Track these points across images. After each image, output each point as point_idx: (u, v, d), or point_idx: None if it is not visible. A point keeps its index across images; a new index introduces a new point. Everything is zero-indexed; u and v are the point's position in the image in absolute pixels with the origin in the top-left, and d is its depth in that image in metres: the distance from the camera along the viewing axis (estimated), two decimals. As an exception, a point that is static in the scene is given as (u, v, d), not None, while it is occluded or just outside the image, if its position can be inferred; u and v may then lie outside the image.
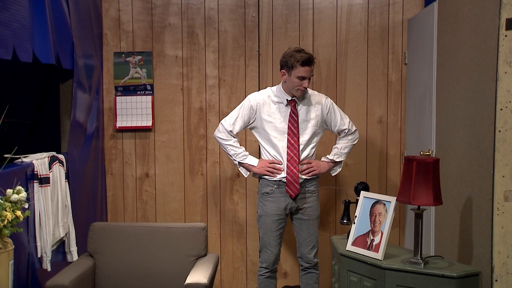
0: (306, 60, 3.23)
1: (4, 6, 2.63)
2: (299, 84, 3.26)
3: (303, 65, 3.23)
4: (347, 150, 3.53)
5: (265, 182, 3.44)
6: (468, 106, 2.77)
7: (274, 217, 3.42)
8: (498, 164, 2.42)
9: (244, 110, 3.42)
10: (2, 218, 2.18)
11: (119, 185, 4.19)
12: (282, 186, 3.38)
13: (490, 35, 2.49)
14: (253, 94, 3.48)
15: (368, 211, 2.85)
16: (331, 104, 3.46)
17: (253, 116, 3.42)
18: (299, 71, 3.23)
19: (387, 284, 2.60)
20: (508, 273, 2.43)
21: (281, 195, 3.40)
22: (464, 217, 2.80)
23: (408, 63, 3.98)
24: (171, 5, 4.09)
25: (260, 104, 3.39)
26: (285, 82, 3.32)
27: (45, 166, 3.03)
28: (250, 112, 3.41)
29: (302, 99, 3.39)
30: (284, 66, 3.30)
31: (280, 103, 3.37)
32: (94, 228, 3.45)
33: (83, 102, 3.66)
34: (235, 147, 3.45)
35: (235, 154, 3.45)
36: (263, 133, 3.41)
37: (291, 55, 3.26)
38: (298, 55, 3.24)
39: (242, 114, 3.43)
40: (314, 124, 3.41)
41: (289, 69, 3.26)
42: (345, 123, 3.49)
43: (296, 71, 3.23)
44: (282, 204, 3.40)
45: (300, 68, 3.22)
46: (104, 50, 4.11)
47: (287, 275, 4.19)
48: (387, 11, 4.04)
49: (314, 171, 3.41)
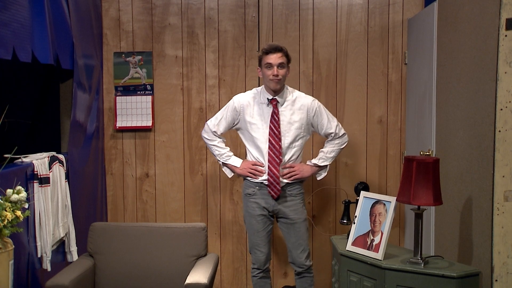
0: (270, 47, 3.25)
1: (4, 6, 2.63)
2: (270, 74, 3.23)
3: (267, 52, 3.24)
4: (333, 154, 3.44)
5: (248, 183, 3.42)
6: (468, 106, 2.77)
7: (258, 217, 3.39)
8: (498, 164, 2.42)
9: (228, 112, 3.42)
10: (2, 218, 2.18)
11: (119, 185, 4.19)
12: (264, 188, 3.35)
13: (490, 35, 2.49)
14: (238, 96, 3.47)
15: (368, 211, 2.85)
16: (318, 106, 3.39)
17: (237, 117, 3.40)
18: (265, 59, 3.24)
19: (387, 284, 2.60)
20: (508, 273, 2.43)
21: (263, 196, 3.36)
22: (464, 217, 2.80)
23: (408, 63, 3.98)
24: (171, 5, 4.09)
25: (244, 105, 3.37)
26: (263, 79, 3.35)
27: (45, 166, 3.03)
28: (234, 113, 3.40)
29: (287, 100, 3.35)
30: (258, 64, 3.35)
31: (263, 104, 3.34)
32: (94, 228, 3.45)
33: (83, 102, 3.66)
34: (219, 148, 3.46)
35: (219, 155, 3.46)
36: (247, 134, 3.39)
37: (261, 51, 3.34)
38: (264, 47, 3.31)
39: (226, 116, 3.43)
40: (298, 126, 3.35)
41: (260, 63, 3.30)
42: (332, 127, 3.40)
43: (263, 61, 3.26)
44: (265, 205, 3.37)
45: (265, 56, 3.24)
46: (104, 50, 4.11)
47: (287, 275, 4.19)
48: (387, 11, 4.04)
49: (296, 175, 3.36)
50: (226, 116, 3.42)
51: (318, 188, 4.05)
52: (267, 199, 3.36)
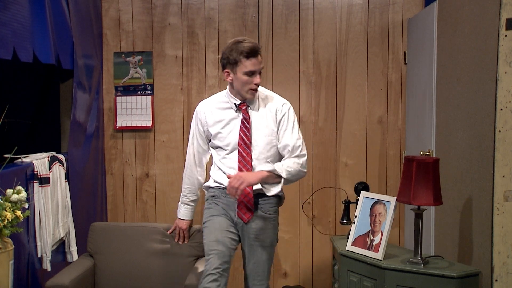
0: (252, 50, 2.62)
1: (4, 6, 2.63)
2: (249, 82, 2.66)
3: (249, 56, 2.62)
4: (291, 170, 2.70)
5: (211, 190, 2.90)
6: (468, 106, 2.77)
7: (223, 216, 2.79)
8: (498, 164, 2.43)
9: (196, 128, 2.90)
10: (2, 218, 2.18)
11: (119, 185, 4.19)
12: (229, 197, 2.75)
13: (490, 35, 2.49)
14: (199, 105, 2.93)
15: (368, 211, 2.85)
16: (287, 111, 2.79)
17: (203, 131, 2.87)
18: (245, 65, 2.62)
19: (387, 284, 2.60)
20: (508, 273, 2.43)
21: (228, 203, 2.81)
22: (464, 217, 2.80)
23: (408, 63, 3.98)
24: (171, 5, 4.09)
25: (206, 113, 2.83)
26: (231, 83, 2.72)
27: (45, 166, 3.03)
28: (201, 126, 2.87)
29: (255, 102, 2.78)
30: (226, 64, 2.68)
31: (228, 109, 2.78)
32: (94, 228, 3.45)
33: (83, 102, 3.66)
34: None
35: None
36: (213, 148, 2.87)
37: (231, 49, 2.64)
38: (240, 47, 2.62)
39: (198, 134, 2.91)
40: (268, 133, 2.76)
41: (233, 66, 2.65)
42: (291, 138, 2.76)
43: (241, 67, 2.63)
44: (231, 212, 2.81)
45: (245, 61, 2.62)
46: (104, 50, 4.11)
47: (287, 275, 4.19)
48: (387, 11, 4.04)
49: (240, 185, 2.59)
50: (198, 136, 2.90)
51: (318, 188, 4.05)
52: (232, 211, 2.81)
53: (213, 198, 2.87)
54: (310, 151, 4.11)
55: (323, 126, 4.11)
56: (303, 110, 4.10)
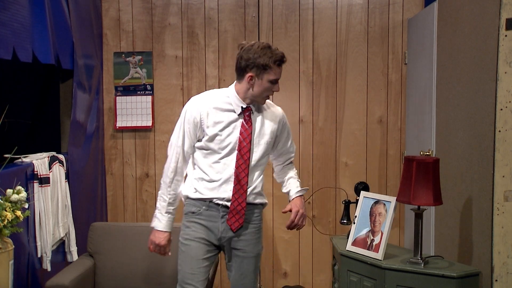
0: (283, 59, 2.58)
1: (4, 6, 2.63)
2: (270, 89, 2.59)
3: (280, 64, 2.57)
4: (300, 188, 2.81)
5: (191, 201, 2.69)
6: (468, 106, 2.77)
7: (201, 241, 2.63)
8: (498, 164, 2.43)
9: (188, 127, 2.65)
10: (2, 218, 2.18)
11: (119, 185, 4.19)
12: (212, 209, 2.63)
13: (490, 35, 2.49)
14: (193, 102, 2.69)
15: (368, 211, 2.85)
16: (286, 119, 2.79)
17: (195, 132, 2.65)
18: (274, 72, 2.55)
19: (387, 284, 2.60)
20: (508, 273, 2.43)
21: (210, 218, 2.64)
22: (464, 217, 2.79)
23: (408, 63, 3.98)
24: (171, 5, 4.09)
25: (204, 112, 2.62)
26: (251, 88, 2.57)
27: (45, 166, 3.03)
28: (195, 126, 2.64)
29: (259, 108, 2.69)
30: (252, 67, 2.53)
31: (228, 111, 2.62)
32: (94, 228, 3.45)
33: (83, 102, 3.66)
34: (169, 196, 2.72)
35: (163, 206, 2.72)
36: (203, 150, 2.65)
37: (263, 53, 2.52)
38: (272, 53, 2.53)
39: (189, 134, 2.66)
40: (268, 141, 2.68)
41: (261, 71, 2.53)
42: (293, 150, 2.85)
43: (270, 73, 2.54)
44: (213, 229, 2.64)
45: (276, 69, 2.55)
46: (104, 50, 4.11)
47: (287, 275, 4.19)
48: (387, 11, 4.04)
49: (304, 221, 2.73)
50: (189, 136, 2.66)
51: (318, 188, 4.05)
52: (215, 223, 2.64)
53: (193, 215, 2.66)
54: (310, 151, 4.11)
55: (323, 126, 4.11)
56: (303, 110, 4.10)
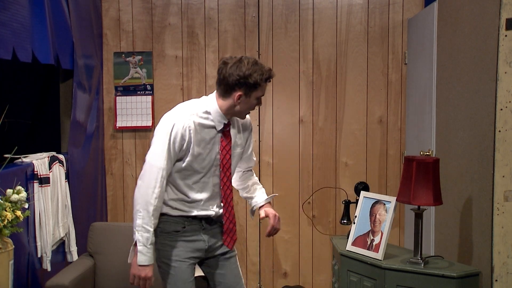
0: (271, 75, 2.44)
1: (4, 6, 2.63)
2: (255, 105, 2.46)
3: (267, 80, 2.43)
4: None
5: (170, 218, 2.49)
6: (468, 106, 2.77)
7: (190, 260, 2.51)
8: (498, 164, 2.42)
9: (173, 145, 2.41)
10: (2, 218, 2.18)
11: (119, 185, 4.19)
12: (194, 222, 2.51)
13: (490, 35, 2.49)
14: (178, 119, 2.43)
15: (368, 211, 2.85)
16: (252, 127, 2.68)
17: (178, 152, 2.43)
18: (262, 90, 2.42)
19: (387, 284, 2.60)
20: (508, 273, 2.43)
21: (194, 232, 2.51)
22: (464, 217, 2.79)
23: (408, 63, 3.98)
24: (171, 5, 4.09)
25: (192, 130, 2.41)
26: (238, 105, 2.42)
27: (45, 166, 3.03)
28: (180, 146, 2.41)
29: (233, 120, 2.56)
30: (242, 85, 2.37)
31: (210, 128, 2.45)
32: (94, 228, 3.45)
33: (83, 102, 3.66)
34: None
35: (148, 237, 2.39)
36: (184, 171, 2.46)
37: (252, 70, 2.37)
38: (261, 70, 2.39)
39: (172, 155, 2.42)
40: (239, 151, 2.58)
41: (250, 89, 2.38)
42: (253, 157, 2.75)
43: (258, 91, 2.41)
44: (199, 242, 2.52)
45: (264, 86, 2.42)
46: (104, 50, 4.11)
47: (287, 275, 4.19)
48: (387, 11, 4.04)
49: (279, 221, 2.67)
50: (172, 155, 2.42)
51: (318, 188, 4.05)
52: (199, 235, 2.52)
53: (178, 234, 2.49)
54: (310, 151, 4.11)
55: (323, 126, 4.11)
56: (303, 110, 4.10)
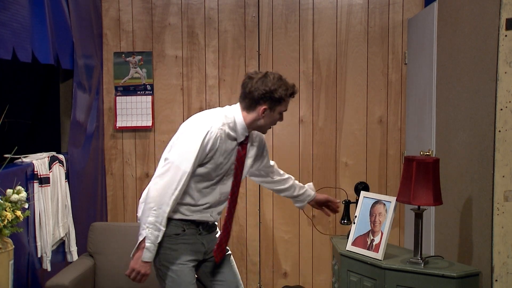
0: (295, 91, 2.53)
1: (4, 6, 2.63)
2: (277, 120, 2.54)
3: (291, 96, 2.51)
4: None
5: (172, 222, 2.48)
6: (468, 106, 2.77)
7: (191, 263, 2.53)
8: (498, 164, 2.42)
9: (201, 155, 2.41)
10: (2, 218, 2.18)
11: (119, 185, 4.19)
12: (192, 226, 2.52)
13: (490, 35, 2.49)
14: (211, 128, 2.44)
15: (368, 211, 2.85)
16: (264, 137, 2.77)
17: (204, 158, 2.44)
18: (285, 104, 2.51)
19: (387, 284, 2.60)
20: (508, 273, 2.43)
21: (192, 236, 2.54)
22: (464, 217, 2.79)
23: (408, 63, 3.98)
24: (171, 5, 4.09)
25: (221, 139, 2.46)
26: (261, 119, 2.49)
27: (45, 166, 3.03)
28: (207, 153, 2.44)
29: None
30: (267, 99, 2.44)
31: (233, 140, 2.51)
32: (94, 228, 3.45)
33: (83, 102, 3.66)
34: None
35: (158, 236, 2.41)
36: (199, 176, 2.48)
37: (279, 86, 2.44)
38: (286, 85, 2.48)
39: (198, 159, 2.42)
40: (250, 164, 2.66)
41: (275, 103, 2.46)
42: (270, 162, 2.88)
43: (283, 106, 2.49)
44: (198, 245, 2.56)
45: (287, 101, 2.50)
46: (104, 50, 4.11)
47: (287, 275, 4.19)
48: (387, 11, 4.04)
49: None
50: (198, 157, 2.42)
51: (319, 188, 4.04)
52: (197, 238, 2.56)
53: (178, 237, 2.50)
54: (310, 151, 4.11)
55: (323, 126, 4.11)
56: (303, 110, 4.10)
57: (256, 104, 2.46)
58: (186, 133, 2.49)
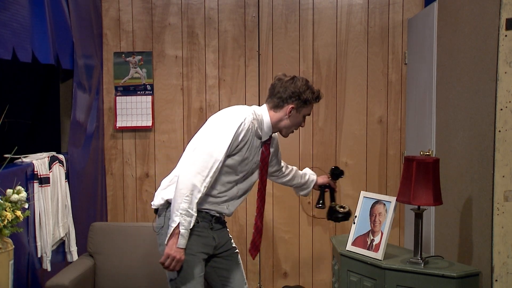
0: (320, 95, 2.67)
1: (4, 6, 2.63)
2: (300, 123, 2.67)
3: (317, 99, 2.66)
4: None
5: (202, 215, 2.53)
6: (468, 106, 2.77)
7: (200, 255, 2.54)
8: (498, 164, 2.42)
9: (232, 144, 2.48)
10: (2, 218, 2.18)
11: (119, 185, 4.19)
12: (205, 220, 2.55)
13: (490, 35, 2.49)
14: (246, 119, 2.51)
15: (368, 211, 2.85)
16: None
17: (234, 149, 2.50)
18: (310, 108, 2.65)
19: (387, 284, 2.60)
20: (508, 273, 2.43)
21: (203, 230, 2.55)
22: (464, 217, 2.80)
23: (408, 63, 3.98)
24: (171, 5, 4.09)
25: (251, 135, 2.54)
26: (287, 119, 2.61)
27: (45, 166, 3.03)
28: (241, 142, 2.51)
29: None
30: (296, 99, 2.57)
31: (258, 138, 2.60)
32: (94, 228, 3.45)
33: (83, 102, 3.66)
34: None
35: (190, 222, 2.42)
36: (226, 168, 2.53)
37: (306, 88, 2.59)
38: (313, 90, 2.62)
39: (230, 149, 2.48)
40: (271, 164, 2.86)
41: (302, 104, 2.59)
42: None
43: (308, 109, 2.63)
44: (210, 240, 2.58)
45: (312, 104, 2.65)
46: (104, 50, 4.11)
47: (287, 275, 4.19)
48: (387, 11, 4.04)
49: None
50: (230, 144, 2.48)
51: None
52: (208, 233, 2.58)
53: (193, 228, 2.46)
54: (310, 151, 4.11)
55: (323, 126, 4.11)
56: (303, 110, 4.10)
57: (284, 103, 2.59)
58: (220, 122, 2.53)
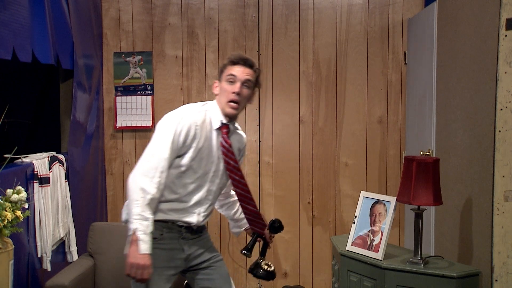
0: (239, 58, 2.44)
1: (4, 6, 2.63)
2: (230, 90, 2.40)
3: (234, 63, 2.43)
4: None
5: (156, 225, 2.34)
6: (468, 106, 2.77)
7: (165, 271, 2.40)
8: (498, 164, 2.42)
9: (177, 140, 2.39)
10: (2, 218, 2.18)
11: (119, 185, 4.19)
12: (173, 231, 2.42)
13: (490, 35, 2.49)
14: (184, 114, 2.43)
15: (368, 211, 2.85)
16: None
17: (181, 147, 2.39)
18: (228, 70, 2.43)
19: (387, 284, 2.60)
20: (508, 273, 2.43)
21: (172, 241, 2.42)
22: (464, 217, 2.80)
23: (408, 63, 3.98)
24: (171, 5, 4.09)
25: (198, 129, 2.41)
26: (220, 96, 2.46)
27: (45, 166, 3.03)
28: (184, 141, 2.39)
29: (233, 130, 2.53)
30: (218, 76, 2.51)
31: (209, 131, 2.44)
32: (94, 228, 3.45)
33: (83, 102, 3.66)
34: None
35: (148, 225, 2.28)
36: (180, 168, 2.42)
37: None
38: (230, 56, 2.48)
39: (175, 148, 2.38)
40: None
41: (221, 74, 2.47)
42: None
43: (226, 72, 2.44)
44: (177, 253, 2.44)
45: (229, 67, 2.44)
46: (104, 50, 4.11)
47: (287, 275, 4.19)
48: (387, 11, 4.04)
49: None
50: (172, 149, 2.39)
51: (318, 189, 4.05)
52: (177, 244, 2.44)
53: (154, 241, 2.31)
54: (310, 151, 4.11)
55: (323, 126, 4.11)
56: (303, 110, 4.10)
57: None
58: (159, 125, 2.50)
